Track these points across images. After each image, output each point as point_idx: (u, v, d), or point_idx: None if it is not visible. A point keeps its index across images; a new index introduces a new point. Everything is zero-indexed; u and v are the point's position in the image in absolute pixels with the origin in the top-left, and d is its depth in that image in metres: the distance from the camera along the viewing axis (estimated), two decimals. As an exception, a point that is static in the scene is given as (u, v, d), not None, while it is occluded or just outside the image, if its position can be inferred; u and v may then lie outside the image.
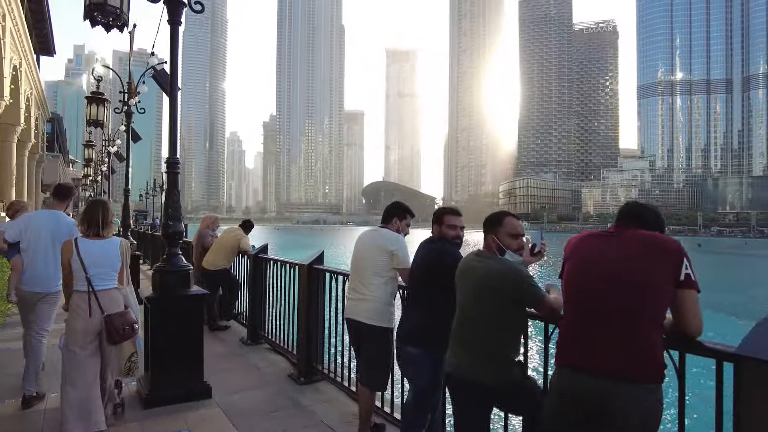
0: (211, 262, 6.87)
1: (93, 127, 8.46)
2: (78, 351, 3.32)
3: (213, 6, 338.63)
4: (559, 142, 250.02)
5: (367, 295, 3.29)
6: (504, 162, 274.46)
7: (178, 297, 4.16)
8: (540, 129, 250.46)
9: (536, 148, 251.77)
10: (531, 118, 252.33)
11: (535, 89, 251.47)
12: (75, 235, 3.68)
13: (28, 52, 17.36)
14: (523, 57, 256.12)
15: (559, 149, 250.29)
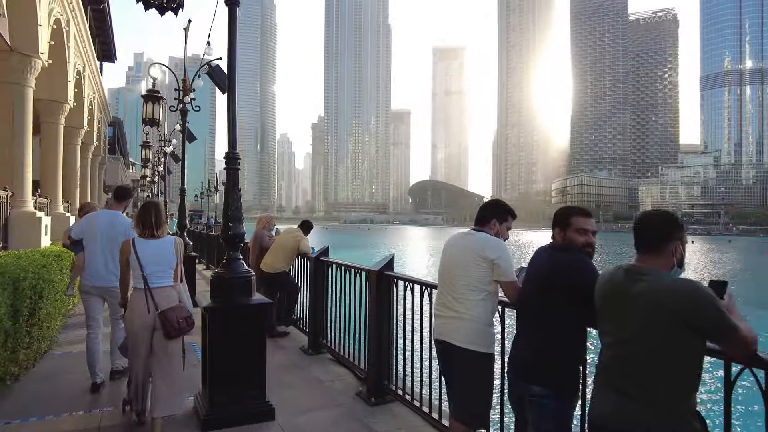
0: (270, 264, 6.50)
1: (149, 125, 8.33)
2: (139, 347, 3.58)
3: (262, 11, 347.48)
4: (614, 138, 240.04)
5: (462, 312, 2.72)
6: (556, 159, 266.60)
7: (240, 306, 3.74)
8: (593, 124, 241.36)
9: (589, 144, 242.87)
10: (584, 113, 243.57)
11: (588, 83, 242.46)
12: (130, 235, 4.00)
13: (92, 58, 17.87)
14: (575, 51, 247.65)
15: (614, 145, 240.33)
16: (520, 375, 2.40)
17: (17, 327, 3.88)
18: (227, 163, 3.88)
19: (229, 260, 3.85)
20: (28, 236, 8.92)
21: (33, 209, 9.44)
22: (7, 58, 9.22)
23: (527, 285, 2.52)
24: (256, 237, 6.97)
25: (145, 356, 3.59)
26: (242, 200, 4.06)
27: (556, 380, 2.25)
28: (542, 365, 2.29)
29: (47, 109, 12.84)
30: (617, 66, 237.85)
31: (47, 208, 12.08)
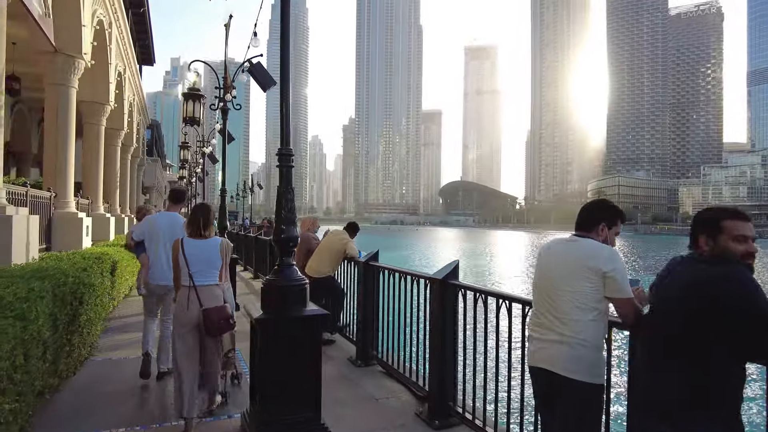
0: (315, 268, 6.16)
1: (189, 124, 8.13)
2: (181, 342, 3.69)
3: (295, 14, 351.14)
4: (652, 137, 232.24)
5: (566, 335, 2.26)
6: (592, 159, 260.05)
7: (294, 318, 3.37)
8: (631, 123, 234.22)
9: (627, 144, 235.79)
10: (621, 112, 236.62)
11: (625, 81, 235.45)
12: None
13: (132, 61, 18.07)
14: (611, 47, 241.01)
15: (652, 145, 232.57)
16: (658, 412, 1.91)
17: (57, 336, 3.62)
18: (280, 161, 3.53)
19: (282, 266, 3.49)
20: (70, 237, 8.87)
21: (75, 210, 9.40)
22: (52, 60, 9.22)
23: (660, 305, 2.05)
24: (302, 240, 6.65)
25: (189, 351, 3.70)
26: (274, 201, 3.73)
27: (713, 420, 1.78)
28: (696, 402, 1.81)
29: (89, 110, 12.93)
30: (656, 62, 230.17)
31: (88, 209, 12.14)
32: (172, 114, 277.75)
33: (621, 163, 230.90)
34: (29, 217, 6.06)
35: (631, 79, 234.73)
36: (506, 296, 3.24)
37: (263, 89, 8.42)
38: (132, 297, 9.38)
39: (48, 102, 9.38)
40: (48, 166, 9.28)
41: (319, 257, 6.20)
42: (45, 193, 8.50)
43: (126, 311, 8.04)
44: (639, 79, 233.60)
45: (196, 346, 3.73)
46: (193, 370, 3.69)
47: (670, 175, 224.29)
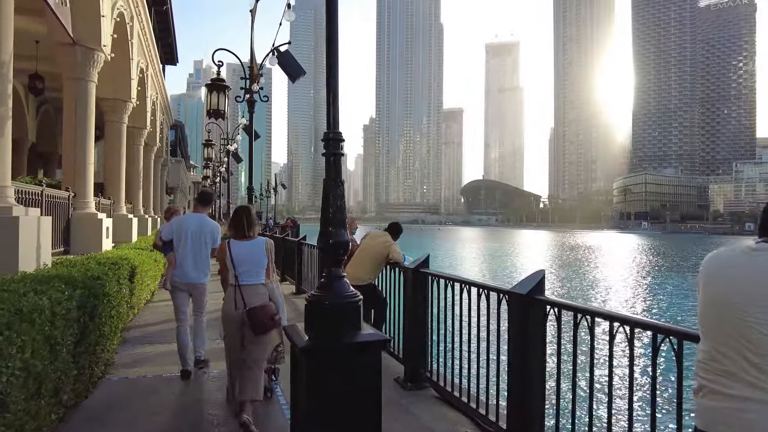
0: (354, 275, 5.44)
1: (213, 118, 7.53)
2: (229, 338, 3.86)
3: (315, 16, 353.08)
4: (680, 134, 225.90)
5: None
6: (617, 157, 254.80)
7: (349, 346, 2.67)
8: (658, 120, 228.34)
9: (653, 140, 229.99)
10: (647, 108, 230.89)
11: (651, 76, 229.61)
12: (217, 235, 4.86)
13: (155, 58, 17.70)
14: (637, 42, 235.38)
15: (680, 141, 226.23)
16: None
17: (58, 363, 2.98)
18: (328, 147, 2.83)
19: (330, 279, 2.79)
20: (89, 239, 8.38)
21: (94, 210, 8.92)
22: (71, 52, 8.74)
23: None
24: None
25: (236, 349, 3.81)
26: (297, 201, 3.04)
27: None
28: None
29: (111, 107, 12.53)
30: (684, 56, 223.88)
31: (110, 209, 11.70)
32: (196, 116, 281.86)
33: (647, 161, 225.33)
34: (41, 218, 5.51)
35: (658, 74, 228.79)
36: (627, 320, 2.47)
37: (292, 79, 7.78)
38: (154, 303, 8.85)
39: (66, 97, 8.92)
40: (67, 165, 8.82)
41: (359, 262, 5.50)
42: (63, 193, 8.02)
43: (147, 319, 7.48)
44: (666, 74, 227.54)
45: (241, 344, 3.82)
46: (239, 364, 3.81)
47: (699, 172, 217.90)
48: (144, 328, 6.87)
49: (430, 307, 4.64)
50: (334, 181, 2.80)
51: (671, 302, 22.47)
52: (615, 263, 40.66)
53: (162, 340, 6.24)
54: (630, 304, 22.05)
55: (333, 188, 2.79)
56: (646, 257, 49.08)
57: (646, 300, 23.41)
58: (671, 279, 31.04)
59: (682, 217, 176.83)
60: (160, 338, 6.34)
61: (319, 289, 2.80)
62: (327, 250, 2.79)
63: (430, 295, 4.56)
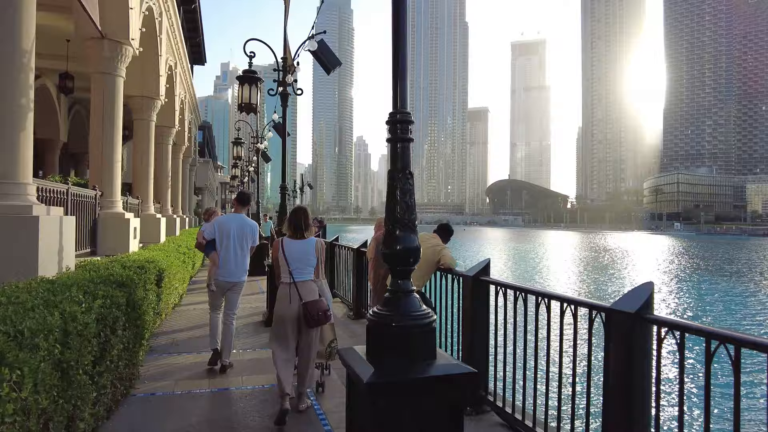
0: None
1: (245, 112, 7.09)
2: (281, 332, 3.98)
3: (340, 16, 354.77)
4: (714, 132, 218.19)
5: None
6: (646, 156, 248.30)
7: (424, 381, 2.12)
8: (690, 117, 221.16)
9: (685, 138, 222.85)
10: (679, 105, 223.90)
11: (684, 72, 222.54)
12: (256, 234, 5.22)
13: (183, 57, 17.52)
14: (669, 37, 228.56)
15: (714, 139, 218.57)
16: None
17: (73, 391, 2.51)
18: (394, 131, 2.30)
19: (398, 294, 2.25)
20: (116, 240, 8.06)
21: (122, 210, 8.60)
22: (99, 46, 8.44)
23: None
24: (378, 245, 5.45)
25: (290, 342, 3.98)
26: (321, 201, 2.53)
27: None
28: None
29: (139, 105, 12.29)
30: (719, 51, 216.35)
31: (138, 209, 11.44)
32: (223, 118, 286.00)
33: (679, 160, 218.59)
34: (64, 218, 5.13)
35: (691, 70, 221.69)
36: None
37: (327, 70, 7.30)
38: (183, 306, 8.49)
39: (94, 92, 8.62)
40: (93, 163, 8.52)
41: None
42: (89, 192, 7.70)
43: (174, 324, 7.09)
44: (700, 69, 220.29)
45: (293, 337, 4.00)
46: (287, 357, 3.96)
47: (735, 171, 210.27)
48: (172, 335, 6.46)
49: (489, 320, 4.07)
50: (402, 173, 2.26)
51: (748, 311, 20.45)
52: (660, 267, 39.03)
53: (190, 349, 5.82)
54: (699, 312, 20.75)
55: (402, 182, 2.25)
56: (692, 261, 46.56)
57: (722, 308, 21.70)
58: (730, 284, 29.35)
59: (717, 218, 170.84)
60: (189, 347, 5.93)
61: (385, 306, 2.26)
62: (394, 258, 2.25)
63: (495, 307, 3.99)
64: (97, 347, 3.03)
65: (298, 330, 4.00)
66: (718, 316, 19.64)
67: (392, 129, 2.30)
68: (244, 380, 4.77)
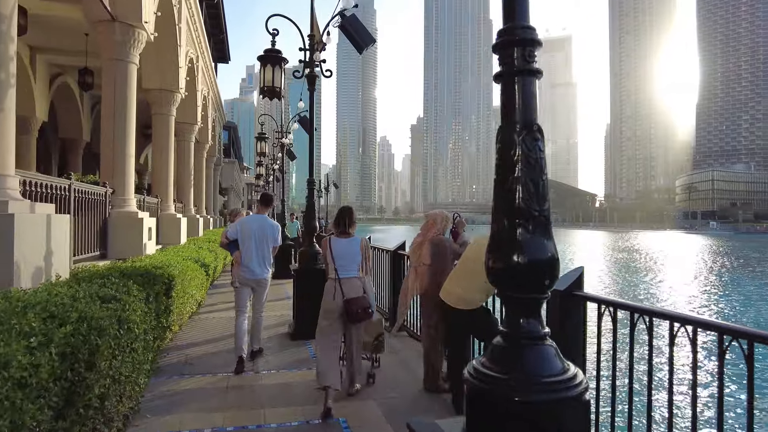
0: (457, 293, 3.94)
1: (268, 97, 6.24)
2: (325, 325, 4.15)
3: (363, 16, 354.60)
4: (752, 126, 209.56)
5: None
6: (678, 153, 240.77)
7: None
8: (725, 112, 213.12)
9: (720, 135, 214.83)
10: (714, 100, 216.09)
11: (719, 65, 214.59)
12: (277, 234, 5.50)
13: (205, 51, 16.90)
14: (702, 29, 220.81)
15: (751, 134, 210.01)
16: None
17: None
18: (510, 57, 1.34)
19: (518, 342, 1.30)
20: (128, 241, 7.32)
21: (135, 209, 7.86)
22: (109, 29, 7.72)
23: None
24: (433, 246, 4.47)
25: (334, 335, 4.15)
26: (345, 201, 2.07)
27: None
28: None
29: (158, 99, 11.62)
30: (757, 42, 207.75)
31: (157, 208, 10.76)
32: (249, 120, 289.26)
33: (713, 156, 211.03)
34: (55, 217, 4.33)
35: (726, 63, 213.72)
36: None
37: (360, 48, 6.40)
38: (200, 314, 7.69)
39: (105, 80, 7.91)
40: (105, 157, 7.80)
41: (466, 277, 3.96)
42: (98, 189, 6.96)
43: (189, 337, 6.27)
44: (735, 62, 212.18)
45: (338, 330, 4.15)
46: (329, 348, 4.07)
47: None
48: (185, 351, 5.64)
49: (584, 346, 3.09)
50: (527, 131, 1.31)
51: None
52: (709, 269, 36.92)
53: (205, 369, 4.98)
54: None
55: (527, 145, 1.31)
56: (744, 262, 43.71)
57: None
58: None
59: (756, 216, 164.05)
60: (203, 366, 5.09)
61: (495, 362, 1.31)
62: (513, 277, 1.30)
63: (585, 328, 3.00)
64: (62, 395, 2.17)
65: (343, 324, 4.16)
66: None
67: (506, 54, 1.36)
68: (267, 415, 3.88)
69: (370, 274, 4.45)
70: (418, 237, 4.58)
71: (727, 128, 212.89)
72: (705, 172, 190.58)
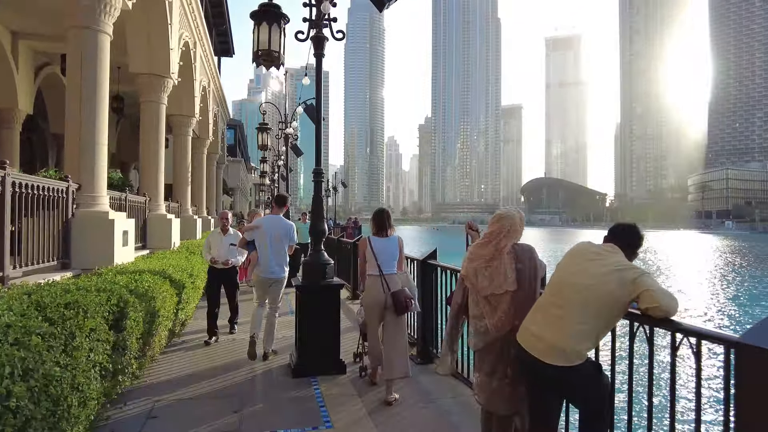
0: (553, 343, 2.50)
1: (264, 65, 4.88)
2: (371, 320, 4.50)
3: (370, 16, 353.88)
4: (766, 124, 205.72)
5: None
6: (689, 152, 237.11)
7: None
8: (738, 110, 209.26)
9: (733, 133, 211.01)
10: (726, 98, 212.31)
11: (731, 63, 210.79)
12: (292, 234, 5.68)
13: (204, 39, 15.59)
14: (715, 26, 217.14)
15: (765, 132, 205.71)
16: None
17: None
18: None
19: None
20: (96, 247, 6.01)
21: (107, 208, 6.52)
22: None
23: None
24: (523, 263, 2.97)
25: (377, 326, 4.48)
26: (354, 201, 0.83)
27: None
28: None
29: (146, 84, 10.29)
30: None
31: (145, 208, 9.44)
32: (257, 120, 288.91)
33: (725, 155, 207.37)
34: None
35: (739, 59, 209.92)
36: None
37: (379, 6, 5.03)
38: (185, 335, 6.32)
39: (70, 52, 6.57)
40: (70, 147, 6.46)
41: (562, 312, 2.56)
42: (57, 184, 5.63)
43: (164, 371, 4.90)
44: (749, 59, 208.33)
45: (381, 322, 4.45)
46: (378, 348, 4.44)
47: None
48: (152, 397, 4.23)
49: None
50: None
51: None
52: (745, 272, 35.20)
53: (177, 425, 3.61)
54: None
55: None
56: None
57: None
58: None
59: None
60: (174, 418, 3.72)
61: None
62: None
63: None
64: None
65: (382, 317, 4.41)
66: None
67: None
68: None
69: (406, 269, 4.84)
70: (482, 247, 3.08)
71: (741, 126, 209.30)
72: (719, 171, 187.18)
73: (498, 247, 3.00)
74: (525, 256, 2.97)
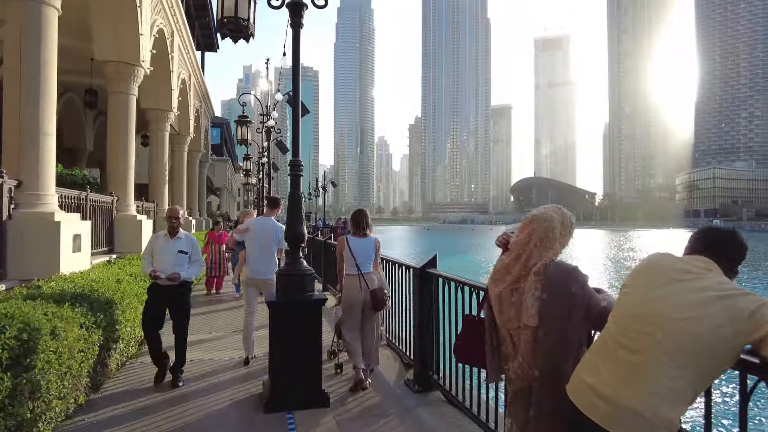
0: (626, 404, 1.69)
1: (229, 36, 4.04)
2: (348, 317, 4.64)
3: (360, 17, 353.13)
4: (750, 124, 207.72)
5: None
6: (678, 151, 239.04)
7: None
8: (724, 110, 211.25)
9: (719, 132, 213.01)
10: (712, 98, 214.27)
11: (717, 63, 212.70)
12: (281, 236, 5.37)
13: (183, 28, 14.65)
14: (701, 27, 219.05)
15: (750, 132, 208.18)
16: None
17: None
18: None
19: None
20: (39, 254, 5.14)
21: (53, 209, 5.64)
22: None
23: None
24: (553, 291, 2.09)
25: (357, 323, 4.62)
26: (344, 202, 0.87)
27: None
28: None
29: (114, 73, 9.40)
30: (755, 41, 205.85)
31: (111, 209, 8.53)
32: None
33: (712, 154, 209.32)
34: None
35: (724, 60, 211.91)
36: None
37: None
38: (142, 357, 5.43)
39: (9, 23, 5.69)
40: (8, 138, 5.56)
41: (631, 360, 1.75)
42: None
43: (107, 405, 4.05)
44: (734, 60, 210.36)
45: (359, 320, 4.63)
46: (356, 336, 4.60)
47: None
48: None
49: None
50: None
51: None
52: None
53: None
54: None
55: None
56: None
57: None
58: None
59: (758, 214, 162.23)
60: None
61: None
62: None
63: None
64: None
65: (362, 313, 4.63)
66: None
67: None
68: None
69: (382, 269, 4.99)
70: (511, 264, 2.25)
71: (726, 126, 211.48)
72: (706, 170, 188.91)
73: (527, 264, 2.18)
74: (557, 284, 2.08)
